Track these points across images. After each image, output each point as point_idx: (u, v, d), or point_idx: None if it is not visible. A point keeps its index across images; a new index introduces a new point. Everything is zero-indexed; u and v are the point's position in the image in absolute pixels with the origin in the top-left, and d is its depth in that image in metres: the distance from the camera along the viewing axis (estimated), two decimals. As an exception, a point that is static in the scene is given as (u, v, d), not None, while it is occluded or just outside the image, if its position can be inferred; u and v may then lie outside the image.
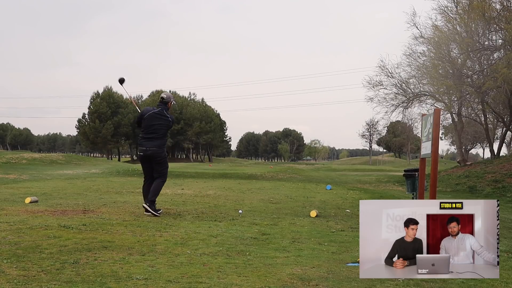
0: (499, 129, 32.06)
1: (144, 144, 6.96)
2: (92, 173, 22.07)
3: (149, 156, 6.96)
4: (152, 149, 6.93)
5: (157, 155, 7.01)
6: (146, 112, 7.04)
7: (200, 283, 3.28)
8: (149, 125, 6.97)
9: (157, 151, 7.00)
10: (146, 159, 7.01)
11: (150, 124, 6.97)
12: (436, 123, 5.46)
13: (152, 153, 6.95)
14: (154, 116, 7.02)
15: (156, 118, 7.01)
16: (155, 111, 7.06)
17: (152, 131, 6.96)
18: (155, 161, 7.02)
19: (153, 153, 6.96)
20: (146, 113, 7.02)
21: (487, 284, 3.52)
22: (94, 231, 5.21)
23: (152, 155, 6.96)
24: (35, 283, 3.15)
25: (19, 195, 9.29)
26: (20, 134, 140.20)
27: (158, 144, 7.00)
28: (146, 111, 7.06)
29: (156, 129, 6.97)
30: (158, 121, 7.01)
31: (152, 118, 6.99)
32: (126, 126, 79.35)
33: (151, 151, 6.94)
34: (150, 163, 7.03)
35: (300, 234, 5.62)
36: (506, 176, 17.06)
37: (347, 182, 21.46)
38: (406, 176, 9.27)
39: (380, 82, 25.65)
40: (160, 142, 7.02)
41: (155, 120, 7.00)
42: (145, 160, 7.03)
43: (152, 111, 7.05)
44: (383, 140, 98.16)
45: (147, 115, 7.00)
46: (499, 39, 21.36)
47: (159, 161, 7.05)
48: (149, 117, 6.99)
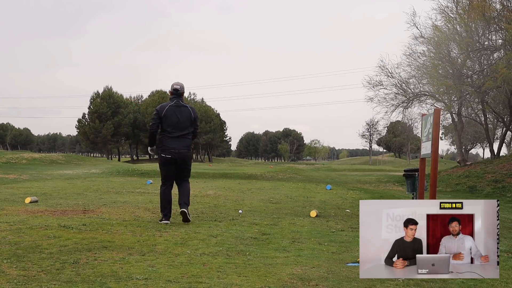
0: (499, 129, 32.06)
1: (172, 144, 6.02)
2: (92, 173, 22.07)
3: (177, 159, 6.05)
4: (181, 151, 6.05)
5: (187, 158, 6.17)
6: (163, 109, 6.07)
7: (200, 283, 3.28)
8: (172, 122, 6.01)
9: (186, 154, 6.13)
10: (172, 162, 6.07)
11: (175, 121, 6.01)
12: (436, 123, 5.46)
13: (181, 156, 6.06)
14: (174, 109, 6.06)
15: (177, 112, 6.05)
16: (171, 104, 6.09)
17: (178, 128, 6.03)
18: (184, 165, 6.15)
19: (183, 156, 6.08)
20: (164, 110, 6.05)
21: (487, 284, 3.52)
22: (94, 231, 5.21)
23: (181, 158, 6.08)
24: (35, 283, 3.15)
25: (19, 195, 9.29)
26: (20, 134, 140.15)
27: (187, 145, 6.13)
28: (163, 108, 6.10)
29: (181, 125, 6.04)
30: (181, 114, 6.05)
31: (172, 113, 6.03)
32: (126, 126, 79.33)
33: (181, 154, 6.05)
34: (176, 166, 6.12)
35: (300, 234, 5.62)
36: (506, 176, 17.05)
37: (347, 182, 21.46)
38: (406, 176, 9.26)
39: (380, 82, 25.67)
40: (189, 142, 6.16)
41: (177, 113, 6.04)
42: (171, 163, 6.08)
43: (169, 105, 6.09)
44: (383, 140, 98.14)
45: (165, 111, 6.03)
46: (499, 39, 21.37)
47: (189, 165, 6.25)
48: (169, 113, 6.02)
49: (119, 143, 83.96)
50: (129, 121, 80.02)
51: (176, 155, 6.02)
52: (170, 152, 6.02)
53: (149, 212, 7.22)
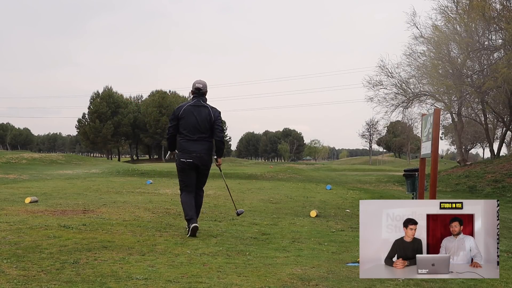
0: (499, 129, 32.05)
1: (191, 147, 5.41)
2: (92, 173, 22.07)
3: (198, 164, 5.44)
4: (203, 155, 5.43)
5: (208, 163, 5.56)
6: (180, 109, 5.51)
7: (200, 283, 3.28)
8: (189, 123, 5.42)
9: (207, 159, 5.51)
10: (192, 166, 5.45)
11: (192, 122, 5.41)
12: (436, 123, 5.46)
13: (202, 161, 5.45)
14: (192, 109, 5.46)
15: (195, 112, 5.45)
16: (190, 104, 5.52)
17: (196, 130, 5.42)
18: (203, 171, 5.58)
19: (204, 161, 5.47)
20: (181, 110, 5.48)
21: (487, 284, 3.52)
22: (94, 231, 5.21)
23: (202, 163, 5.47)
24: (35, 283, 3.15)
25: (19, 195, 9.29)
26: (20, 134, 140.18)
27: (208, 149, 5.49)
28: (180, 108, 5.53)
29: (200, 127, 5.41)
30: (199, 115, 5.43)
31: (190, 114, 5.44)
32: (126, 126, 79.37)
33: (202, 158, 5.44)
34: (196, 171, 5.52)
35: (300, 234, 5.62)
36: (506, 176, 17.05)
37: (347, 182, 21.46)
38: (406, 176, 9.26)
39: (380, 82, 25.68)
40: (209, 145, 5.51)
41: (195, 114, 5.44)
42: (191, 168, 5.46)
43: (187, 105, 5.53)
44: (383, 140, 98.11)
45: (182, 111, 5.46)
46: (499, 39, 21.37)
47: (208, 170, 5.65)
48: (187, 113, 5.44)
49: (119, 143, 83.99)
50: (129, 121, 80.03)
51: (197, 159, 5.41)
52: (191, 156, 5.40)
53: (149, 212, 7.21)
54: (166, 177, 19.98)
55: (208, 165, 5.56)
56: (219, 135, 5.50)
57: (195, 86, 5.56)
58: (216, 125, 5.47)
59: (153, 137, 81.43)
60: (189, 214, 5.37)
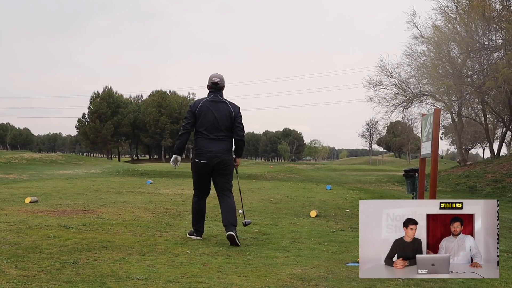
0: (499, 129, 32.06)
1: (209, 147, 4.93)
2: (92, 173, 22.07)
3: (214, 165, 4.94)
4: (220, 155, 4.93)
5: (227, 164, 5.01)
6: (197, 105, 5.03)
7: (200, 283, 3.28)
8: (207, 121, 4.95)
9: (226, 159, 4.99)
10: (208, 169, 4.97)
11: (211, 119, 4.95)
12: (436, 123, 5.46)
13: (220, 162, 4.94)
14: (210, 105, 4.99)
15: (213, 108, 4.98)
16: (207, 99, 5.04)
17: (215, 128, 4.95)
18: (223, 173, 5.02)
19: (221, 162, 4.95)
20: (198, 106, 5.01)
21: (487, 284, 3.52)
22: (94, 231, 5.21)
23: (219, 164, 4.95)
24: (35, 283, 3.15)
25: (19, 195, 9.29)
26: (20, 134, 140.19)
27: (227, 148, 5.02)
28: (196, 104, 5.05)
29: (219, 124, 4.95)
30: (218, 112, 4.97)
31: (207, 110, 4.97)
32: (126, 126, 79.37)
33: (219, 159, 4.93)
34: (213, 174, 5.04)
35: (300, 234, 5.62)
36: (506, 176, 17.05)
37: (347, 182, 21.46)
38: (406, 176, 9.26)
39: (380, 82, 25.69)
40: (228, 145, 5.04)
41: (213, 110, 4.97)
42: (207, 170, 4.99)
43: (204, 100, 5.05)
44: (383, 140, 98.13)
45: (199, 107, 4.99)
46: (499, 39, 21.37)
47: (229, 172, 5.09)
48: (204, 109, 4.98)
49: (119, 143, 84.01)
50: (129, 121, 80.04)
51: (213, 160, 4.91)
52: (206, 157, 4.91)
53: (149, 212, 7.21)
54: (166, 177, 19.99)
55: (227, 165, 5.01)
56: (240, 134, 5.04)
57: (212, 80, 5.06)
58: (237, 123, 5.02)
59: (153, 137, 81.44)
60: (196, 225, 5.08)
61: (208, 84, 5.10)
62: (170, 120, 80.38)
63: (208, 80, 5.09)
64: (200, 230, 5.11)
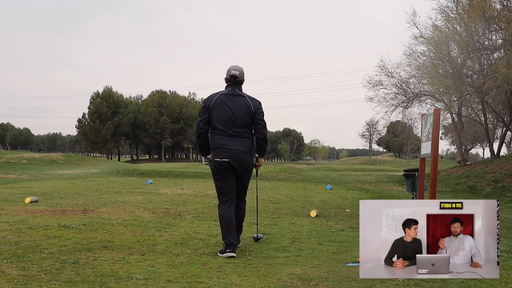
0: (499, 129, 32.07)
1: (227, 144, 4.42)
2: (92, 173, 22.07)
3: (236, 164, 4.42)
4: (241, 154, 4.42)
5: (247, 165, 4.51)
6: (212, 99, 4.52)
7: (200, 283, 3.28)
8: (223, 116, 4.44)
9: (248, 159, 4.49)
10: (230, 168, 4.44)
11: (227, 114, 4.44)
12: (436, 123, 5.45)
13: (241, 161, 4.44)
14: (226, 99, 4.50)
15: (230, 102, 4.48)
16: (224, 93, 4.55)
17: (232, 124, 4.45)
18: (243, 175, 4.54)
19: (243, 161, 4.45)
20: (212, 100, 4.50)
21: (487, 284, 3.52)
22: (94, 231, 5.21)
23: (241, 164, 4.44)
24: (35, 283, 3.15)
25: (19, 195, 9.29)
26: (20, 134, 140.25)
27: (248, 147, 4.50)
28: (211, 98, 4.53)
29: (237, 120, 4.44)
30: (235, 106, 4.47)
31: (223, 104, 4.47)
32: (126, 126, 79.43)
33: (240, 158, 4.42)
34: (234, 174, 4.50)
35: (300, 234, 5.62)
36: (506, 176, 17.05)
37: (347, 182, 21.45)
38: (406, 176, 9.25)
39: (380, 82, 25.70)
40: (250, 143, 4.53)
41: (230, 105, 4.47)
42: (229, 169, 4.44)
43: (220, 94, 4.55)
44: (383, 140, 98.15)
45: (213, 101, 4.49)
46: (499, 39, 21.37)
47: (249, 174, 4.61)
48: (219, 103, 4.47)
49: (119, 143, 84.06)
50: (129, 121, 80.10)
51: (235, 159, 4.40)
52: (228, 155, 4.39)
53: (149, 212, 7.21)
54: (166, 177, 19.99)
55: (249, 167, 4.52)
56: (262, 132, 4.55)
57: (230, 72, 4.57)
58: (258, 120, 4.53)
59: (153, 137, 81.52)
60: (227, 237, 4.33)
61: (226, 77, 4.62)
62: (170, 120, 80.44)
63: (226, 73, 4.60)
64: (233, 244, 4.32)
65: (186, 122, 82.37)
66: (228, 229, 4.37)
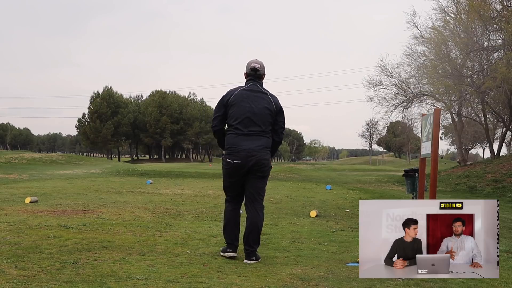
0: (499, 129, 32.06)
1: (243, 144, 4.14)
2: (92, 173, 22.07)
3: (249, 165, 4.13)
4: (256, 154, 4.13)
5: (263, 166, 4.19)
6: (231, 94, 4.26)
7: (200, 283, 3.28)
8: (241, 112, 4.17)
9: (263, 159, 4.18)
10: (241, 170, 4.16)
11: (245, 110, 4.17)
12: (436, 123, 5.46)
13: (256, 161, 4.13)
14: (246, 95, 4.22)
15: (250, 99, 4.20)
16: (244, 88, 4.27)
17: (251, 122, 4.17)
18: (258, 176, 4.21)
19: (258, 162, 4.14)
20: (231, 95, 4.24)
21: (487, 284, 3.52)
22: (94, 231, 5.21)
23: (255, 165, 4.14)
24: (35, 283, 3.15)
25: (19, 195, 9.29)
26: (20, 134, 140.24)
27: (264, 146, 4.21)
28: (230, 93, 4.27)
29: (256, 118, 4.17)
30: (255, 103, 4.19)
31: (242, 100, 4.20)
32: (126, 126, 79.43)
33: (254, 159, 4.12)
34: (246, 175, 4.20)
35: (300, 234, 5.62)
36: (506, 176, 17.05)
37: (347, 182, 21.45)
38: (406, 176, 9.26)
39: (380, 82, 25.71)
40: (267, 142, 4.24)
41: (250, 101, 4.19)
42: (240, 171, 4.17)
43: (240, 89, 4.27)
44: (383, 140, 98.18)
45: (232, 96, 4.22)
46: (499, 39, 21.37)
47: (265, 174, 4.26)
48: (238, 99, 4.21)
49: (119, 143, 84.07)
50: (129, 121, 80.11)
51: (249, 159, 4.12)
52: (241, 156, 4.12)
53: (149, 212, 7.22)
54: (166, 177, 19.99)
55: (263, 165, 4.19)
56: (281, 136, 4.36)
57: (251, 66, 4.29)
58: (281, 123, 4.32)
59: (153, 137, 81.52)
60: (228, 238, 4.23)
61: (246, 72, 4.34)
62: (170, 120, 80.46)
63: (246, 67, 4.33)
64: (234, 244, 4.21)
65: (186, 122, 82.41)
66: (230, 230, 4.25)
